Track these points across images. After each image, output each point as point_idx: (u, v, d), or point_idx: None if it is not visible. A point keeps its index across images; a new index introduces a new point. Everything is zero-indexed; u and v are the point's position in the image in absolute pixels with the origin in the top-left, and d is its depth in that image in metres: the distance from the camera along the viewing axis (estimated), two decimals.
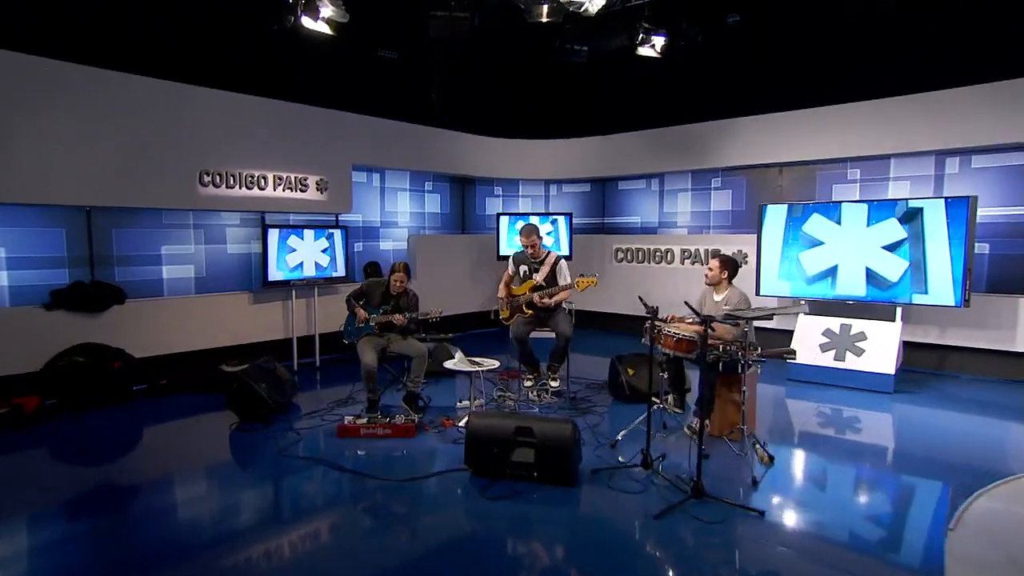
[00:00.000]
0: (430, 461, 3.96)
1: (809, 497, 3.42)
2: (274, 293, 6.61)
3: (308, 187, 6.79)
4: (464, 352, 4.82)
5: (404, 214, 8.33)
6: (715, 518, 3.07)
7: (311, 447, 4.19)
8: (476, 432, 3.59)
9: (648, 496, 3.40)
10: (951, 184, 6.06)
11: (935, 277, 5.46)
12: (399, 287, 5.00)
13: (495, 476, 3.57)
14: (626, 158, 8.60)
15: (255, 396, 4.64)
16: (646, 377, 5.30)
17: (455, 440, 4.29)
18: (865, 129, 6.39)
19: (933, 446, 4.21)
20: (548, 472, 3.50)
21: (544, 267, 4.88)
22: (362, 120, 7.33)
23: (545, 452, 3.48)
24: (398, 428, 4.33)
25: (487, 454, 3.57)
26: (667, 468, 3.69)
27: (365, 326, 4.99)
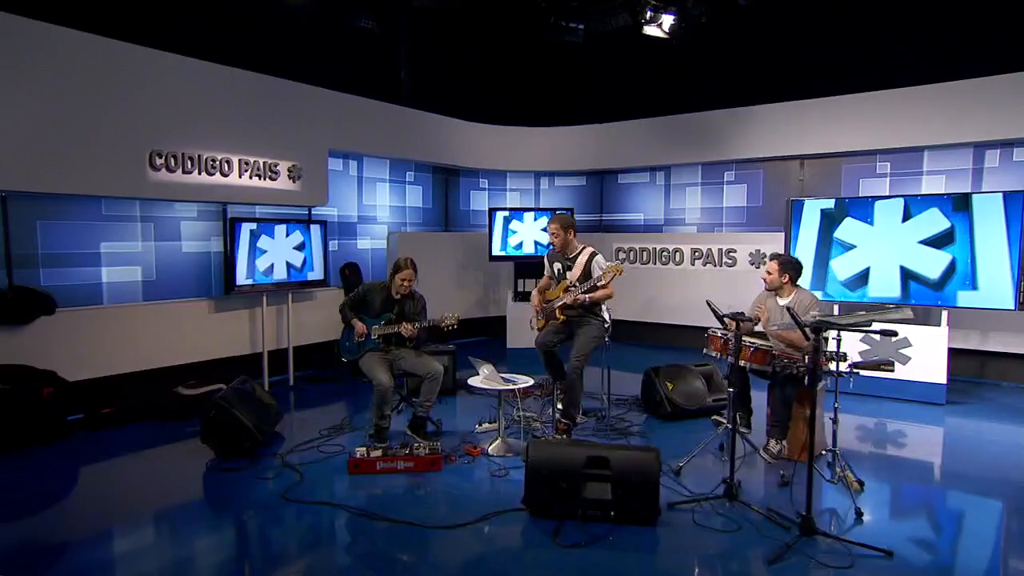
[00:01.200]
0: (473, 500, 3.55)
1: (927, 532, 3.22)
2: (239, 300, 5.97)
3: (279, 174, 6.20)
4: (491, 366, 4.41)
5: (384, 208, 7.81)
6: (840, 562, 2.81)
7: (319, 487, 3.69)
8: (540, 465, 3.20)
9: (746, 535, 3.11)
10: (990, 179, 6.15)
11: (988, 278, 5.46)
12: (406, 288, 4.56)
13: (562, 516, 3.20)
14: (628, 148, 8.40)
15: (239, 427, 4.07)
16: (689, 391, 5.07)
17: (494, 473, 3.91)
18: (897, 119, 6.41)
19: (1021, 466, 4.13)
20: (627, 510, 3.16)
21: (577, 264, 4.53)
22: (340, 99, 6.81)
23: (624, 486, 3.14)
24: (422, 460, 3.89)
25: (553, 491, 3.19)
26: (749, 499, 3.42)
27: (367, 339, 4.52)
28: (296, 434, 4.70)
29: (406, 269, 4.54)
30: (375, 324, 4.56)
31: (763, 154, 7.40)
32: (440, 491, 3.69)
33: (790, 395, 3.90)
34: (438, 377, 4.42)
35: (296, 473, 3.86)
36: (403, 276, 4.52)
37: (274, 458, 4.12)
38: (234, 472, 3.89)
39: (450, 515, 3.33)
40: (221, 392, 4.22)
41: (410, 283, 4.57)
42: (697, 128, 7.83)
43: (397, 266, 4.60)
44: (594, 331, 4.41)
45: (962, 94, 6.05)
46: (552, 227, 4.56)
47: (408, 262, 4.59)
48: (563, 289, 4.53)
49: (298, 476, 3.80)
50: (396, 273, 4.55)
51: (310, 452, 4.26)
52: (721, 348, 4.02)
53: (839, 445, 3.71)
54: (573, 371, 4.26)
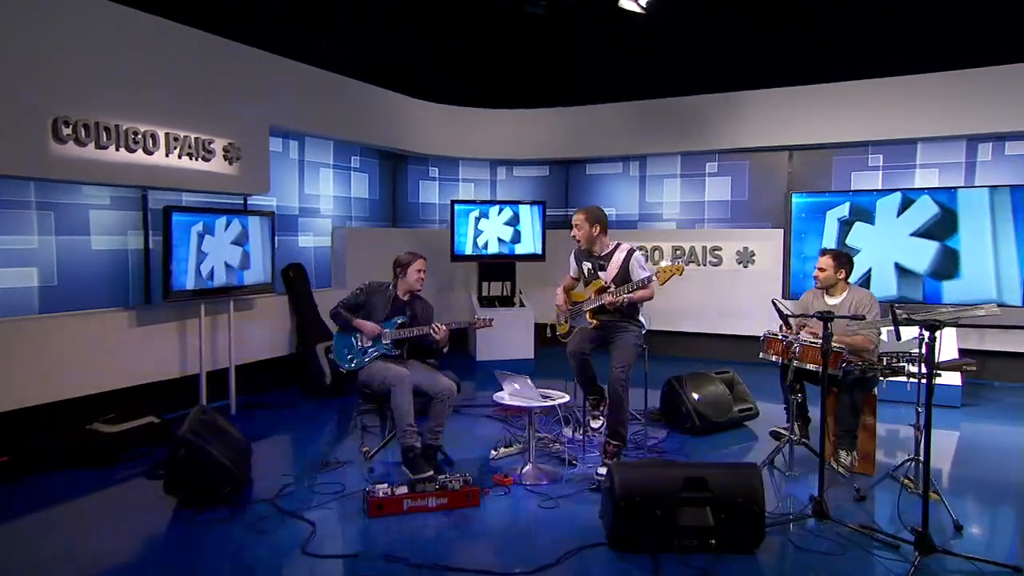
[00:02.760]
0: (535, 538, 3.35)
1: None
2: (166, 310, 5.32)
3: (214, 154, 5.62)
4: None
5: (327, 199, 7.33)
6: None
7: (341, 537, 3.31)
8: (632, 491, 3.05)
9: (857, 557, 3.13)
10: (983, 172, 6.74)
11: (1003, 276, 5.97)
12: (421, 283, 4.39)
13: (656, 549, 3.06)
14: (598, 135, 8.45)
15: (217, 469, 3.58)
16: (715, 401, 5.12)
17: (541, 505, 3.70)
18: (889, 109, 6.88)
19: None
20: (731, 536, 3.08)
21: (613, 264, 4.42)
22: (284, 66, 6.31)
23: (727, 509, 3.06)
24: (457, 495, 3.61)
25: (647, 520, 3.04)
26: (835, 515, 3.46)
27: (376, 345, 4.19)
28: (269, 473, 4.23)
29: (421, 258, 4.34)
30: (386, 327, 4.24)
31: (749, 144, 7.69)
32: (491, 530, 3.44)
33: (858, 401, 4.00)
34: (451, 396, 4.17)
35: (303, 522, 3.44)
36: (420, 266, 4.35)
37: (262, 504, 3.66)
38: (220, 525, 3.41)
39: (519, 558, 3.10)
40: (186, 426, 3.70)
41: (423, 281, 4.32)
42: (676, 114, 8.00)
43: (401, 262, 4.34)
44: (633, 338, 4.32)
45: (955, 85, 6.59)
46: (577, 218, 4.42)
47: (415, 253, 4.40)
48: (596, 290, 4.39)
49: (308, 526, 3.39)
50: (409, 265, 4.30)
51: (302, 494, 3.84)
52: (782, 352, 4.05)
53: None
54: (619, 384, 4.14)
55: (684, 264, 4.18)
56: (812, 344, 3.90)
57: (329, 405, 5.88)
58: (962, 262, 6.12)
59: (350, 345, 4.28)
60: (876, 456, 4.23)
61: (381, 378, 4.10)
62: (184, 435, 3.55)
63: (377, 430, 5.08)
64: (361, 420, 5.33)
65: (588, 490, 3.91)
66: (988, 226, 6.03)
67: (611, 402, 4.21)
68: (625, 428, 4.24)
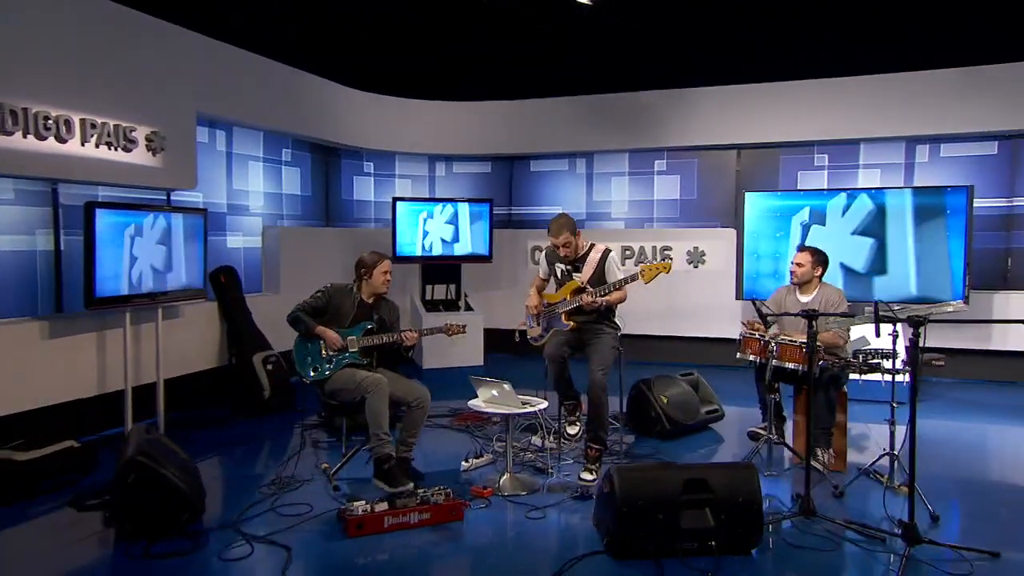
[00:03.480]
0: (529, 550, 3.38)
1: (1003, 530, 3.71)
2: (83, 320, 4.98)
3: (136, 144, 5.32)
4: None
5: (257, 195, 7.07)
6: (960, 570, 3.12)
7: (323, 561, 3.23)
8: (634, 496, 3.13)
9: (850, 551, 3.35)
10: (921, 173, 7.32)
11: (938, 273, 6.49)
12: (388, 286, 4.32)
13: (658, 554, 3.16)
14: (543, 130, 8.58)
15: (172, 494, 3.40)
16: (683, 404, 5.30)
17: (527, 515, 3.76)
18: (834, 110, 7.36)
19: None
20: (731, 537, 3.21)
21: (588, 264, 4.51)
22: (212, 48, 6.06)
23: (728, 510, 3.19)
24: (441, 509, 3.59)
25: (649, 525, 3.13)
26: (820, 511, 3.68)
27: (343, 354, 4.11)
28: (220, 497, 4.06)
29: (386, 260, 4.28)
30: (352, 334, 4.15)
31: (698, 142, 8.02)
32: (481, 545, 3.45)
33: (833, 399, 4.26)
34: (426, 404, 4.14)
35: (276, 547, 3.32)
36: (386, 268, 4.27)
37: (225, 531, 3.50)
38: (180, 558, 3.23)
39: (518, 572, 3.13)
40: (133, 448, 3.49)
41: (389, 284, 4.27)
42: (624, 110, 8.24)
43: (367, 263, 4.26)
44: (610, 340, 4.42)
45: (895, 88, 7.13)
46: (564, 236, 4.44)
47: (381, 253, 4.34)
48: (572, 291, 4.47)
49: (283, 551, 3.28)
50: (374, 267, 4.23)
51: (266, 517, 3.71)
52: (760, 351, 4.26)
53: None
54: (599, 388, 4.22)
55: (670, 261, 4.28)
56: (791, 343, 4.12)
57: (270, 421, 5.68)
58: (888, 259, 6.64)
59: (314, 353, 4.16)
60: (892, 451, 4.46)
61: (354, 385, 4.00)
62: (135, 458, 3.35)
63: (328, 445, 4.99)
64: (310, 435, 5.23)
65: (571, 499, 3.97)
66: (910, 225, 6.56)
67: (591, 406, 4.29)
68: (606, 432, 4.33)
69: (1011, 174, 7.18)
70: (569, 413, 4.75)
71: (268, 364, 5.94)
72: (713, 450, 5.09)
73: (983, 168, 7.20)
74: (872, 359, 4.00)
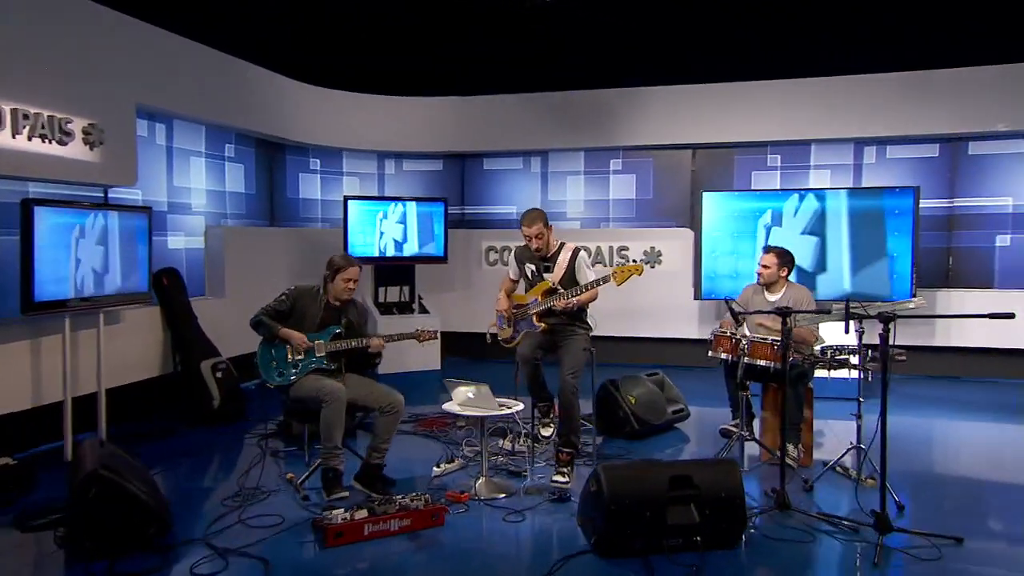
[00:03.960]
0: (516, 553, 3.47)
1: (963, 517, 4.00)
2: (16, 328, 4.77)
3: (72, 137, 5.14)
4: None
5: (199, 192, 6.91)
6: (930, 555, 3.37)
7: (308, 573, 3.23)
8: (622, 494, 3.24)
9: (827, 542, 3.55)
10: (868, 174, 7.75)
11: (875, 271, 6.91)
12: (349, 293, 4.29)
13: (646, 552, 3.28)
14: (496, 128, 8.67)
15: (137, 507, 3.33)
16: (651, 404, 5.47)
17: (506, 518, 3.84)
18: (786, 111, 7.72)
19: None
20: (716, 532, 3.37)
21: (559, 265, 4.61)
22: (151, 34, 5.90)
23: (712, 506, 3.35)
24: (421, 515, 3.63)
25: (636, 523, 3.26)
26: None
27: (308, 358, 4.08)
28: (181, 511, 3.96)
29: (352, 267, 4.23)
30: (319, 339, 4.13)
31: (653, 141, 8.27)
32: (465, 550, 3.50)
33: (802, 395, 4.50)
34: (400, 410, 4.16)
35: (253, 560, 3.29)
36: (348, 276, 4.22)
37: (195, 545, 3.44)
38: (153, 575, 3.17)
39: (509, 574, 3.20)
40: (92, 461, 3.39)
41: (355, 286, 4.25)
42: (579, 108, 8.41)
43: (336, 264, 4.24)
44: (582, 341, 4.52)
45: (844, 90, 7.54)
46: (536, 227, 4.52)
47: (351, 259, 4.29)
48: (543, 292, 4.56)
49: (261, 563, 3.25)
50: (338, 273, 4.20)
51: (235, 530, 3.66)
52: (732, 349, 4.45)
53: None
54: (571, 390, 4.32)
55: (642, 263, 4.43)
56: (762, 341, 4.33)
57: (221, 432, 5.57)
58: (828, 257, 7.05)
59: (279, 358, 4.12)
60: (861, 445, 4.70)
61: (314, 393, 3.99)
62: (96, 471, 3.25)
63: (288, 454, 4.94)
64: (267, 445, 5.15)
65: (549, 501, 4.06)
66: (846, 225, 7.02)
67: (562, 409, 4.39)
68: (578, 435, 4.43)
69: (952, 176, 7.68)
70: (543, 415, 4.84)
71: (217, 371, 5.82)
72: (680, 449, 5.27)
73: (926, 170, 7.69)
74: (840, 355, 4.24)
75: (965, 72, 7.29)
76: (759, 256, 4.94)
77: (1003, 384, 7.25)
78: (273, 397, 6.37)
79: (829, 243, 7.07)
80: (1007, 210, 7.54)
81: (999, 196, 7.55)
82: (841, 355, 4.25)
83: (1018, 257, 7.47)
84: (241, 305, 6.69)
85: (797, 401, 4.47)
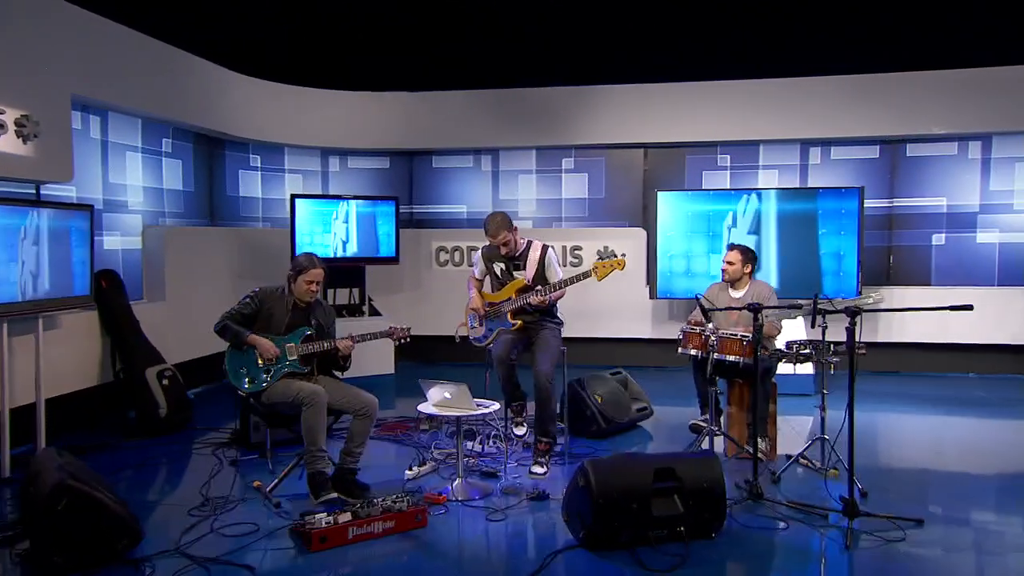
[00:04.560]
0: (504, 551, 3.65)
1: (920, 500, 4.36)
2: None
3: (4, 128, 4.98)
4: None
5: (136, 189, 6.75)
6: (895, 536, 3.68)
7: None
8: (608, 485, 3.42)
9: (800, 529, 3.82)
10: (814, 175, 8.23)
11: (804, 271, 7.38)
12: (312, 294, 4.32)
13: (632, 544, 3.47)
14: (445, 125, 8.77)
15: (109, 518, 3.30)
16: (617, 402, 5.70)
17: (488, 517, 3.98)
18: (735, 112, 8.11)
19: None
20: (698, 522, 3.59)
21: (530, 263, 4.79)
22: (86, 19, 5.76)
23: (695, 497, 3.56)
24: (405, 517, 3.72)
25: (623, 516, 3.44)
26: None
27: (281, 363, 4.10)
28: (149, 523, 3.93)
29: (315, 269, 4.25)
30: (290, 342, 4.16)
31: (605, 140, 8.53)
32: (453, 549, 3.63)
33: (768, 389, 4.79)
34: (374, 412, 4.23)
35: (238, 568, 3.31)
36: (311, 277, 4.24)
37: (170, 557, 3.43)
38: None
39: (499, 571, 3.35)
40: (56, 472, 3.33)
41: (318, 288, 4.30)
42: (531, 106, 8.60)
43: (301, 266, 4.27)
44: (555, 336, 4.72)
45: (790, 92, 7.98)
46: (502, 235, 4.71)
47: (316, 259, 4.32)
48: (517, 290, 4.72)
49: (247, 571, 3.28)
50: (300, 274, 4.23)
51: (209, 540, 3.65)
52: (701, 345, 4.71)
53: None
54: (547, 382, 4.51)
55: (624, 258, 4.64)
56: (731, 336, 4.60)
57: (169, 441, 5.48)
58: (761, 257, 7.46)
59: (249, 363, 4.12)
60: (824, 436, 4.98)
61: (291, 397, 4.03)
62: (65, 481, 3.21)
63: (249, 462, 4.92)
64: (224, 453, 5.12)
65: (528, 499, 4.21)
66: (774, 225, 7.51)
67: (540, 400, 4.57)
68: (554, 426, 4.64)
69: (891, 177, 8.24)
70: (516, 414, 4.99)
71: (163, 379, 5.72)
72: (645, 447, 5.50)
73: (867, 171, 8.22)
74: (804, 350, 4.54)
75: (904, 77, 7.83)
76: (723, 254, 5.20)
77: (939, 378, 7.81)
78: (220, 404, 6.43)
79: (768, 243, 7.45)
80: (942, 210, 8.14)
81: (934, 196, 8.14)
82: (805, 350, 4.55)
83: (952, 255, 8.07)
84: (182, 309, 6.66)
85: (764, 395, 4.76)
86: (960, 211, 8.08)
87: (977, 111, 7.72)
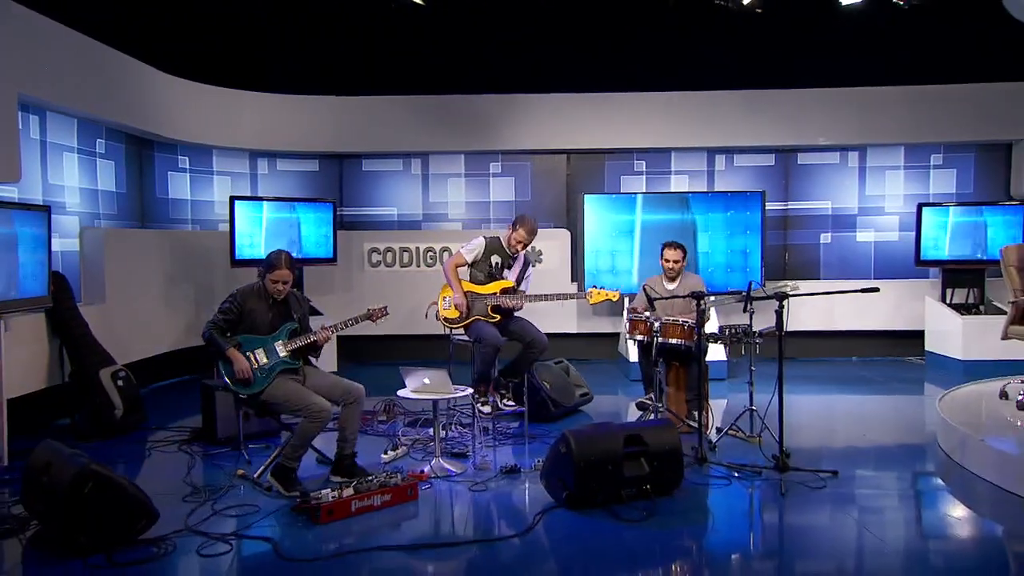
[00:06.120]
0: (492, 514, 4.09)
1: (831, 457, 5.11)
2: None
3: None
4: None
5: (73, 191, 6.68)
6: (818, 484, 4.39)
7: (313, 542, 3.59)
8: (587, 451, 3.92)
9: (742, 483, 4.48)
10: (720, 180, 9.10)
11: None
12: (281, 292, 4.54)
13: (607, 502, 3.99)
14: (375, 129, 9.04)
15: (130, 501, 3.49)
16: (563, 387, 6.24)
17: (472, 488, 4.39)
18: (649, 121, 8.87)
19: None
20: (662, 481, 4.15)
21: (517, 265, 5.37)
22: (32, 19, 5.73)
23: (660, 459, 4.12)
24: (399, 491, 4.08)
25: (600, 477, 3.95)
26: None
27: (273, 362, 4.37)
28: None
29: (280, 270, 4.45)
30: (279, 339, 4.40)
31: (531, 146, 9.09)
32: (449, 513, 4.07)
33: (705, 368, 5.45)
34: (362, 398, 4.53)
35: (255, 540, 3.59)
36: (277, 277, 4.45)
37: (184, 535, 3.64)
38: (155, 562, 3.37)
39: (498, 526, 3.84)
40: (72, 459, 3.51)
41: (285, 288, 4.53)
42: (458, 112, 9.02)
43: (271, 264, 4.47)
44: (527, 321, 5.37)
45: (698, 104, 8.82)
46: (532, 239, 5.38)
47: (285, 259, 4.49)
48: (501, 289, 5.23)
49: (263, 542, 3.56)
50: (268, 272, 4.46)
51: (215, 520, 3.88)
52: (647, 331, 5.30)
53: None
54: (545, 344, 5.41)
55: (618, 291, 5.37)
56: (674, 322, 5.23)
57: (127, 441, 5.54)
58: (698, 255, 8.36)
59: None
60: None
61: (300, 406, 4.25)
62: (89, 467, 3.38)
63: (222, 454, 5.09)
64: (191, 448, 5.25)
65: (502, 474, 4.65)
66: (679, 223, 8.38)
67: (532, 355, 5.40)
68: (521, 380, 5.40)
69: (785, 182, 9.25)
70: (481, 395, 5.42)
71: (118, 380, 5.75)
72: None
73: (765, 176, 9.19)
74: (735, 333, 5.23)
75: (794, 93, 8.84)
76: (662, 252, 5.83)
77: (827, 362, 8.84)
78: (170, 404, 6.50)
79: (698, 243, 8.26)
80: (827, 212, 9.23)
81: (821, 200, 9.22)
82: (736, 333, 5.24)
83: (836, 252, 9.17)
84: (123, 311, 6.65)
85: (700, 374, 5.41)
86: (842, 213, 9.20)
87: (855, 125, 8.83)
